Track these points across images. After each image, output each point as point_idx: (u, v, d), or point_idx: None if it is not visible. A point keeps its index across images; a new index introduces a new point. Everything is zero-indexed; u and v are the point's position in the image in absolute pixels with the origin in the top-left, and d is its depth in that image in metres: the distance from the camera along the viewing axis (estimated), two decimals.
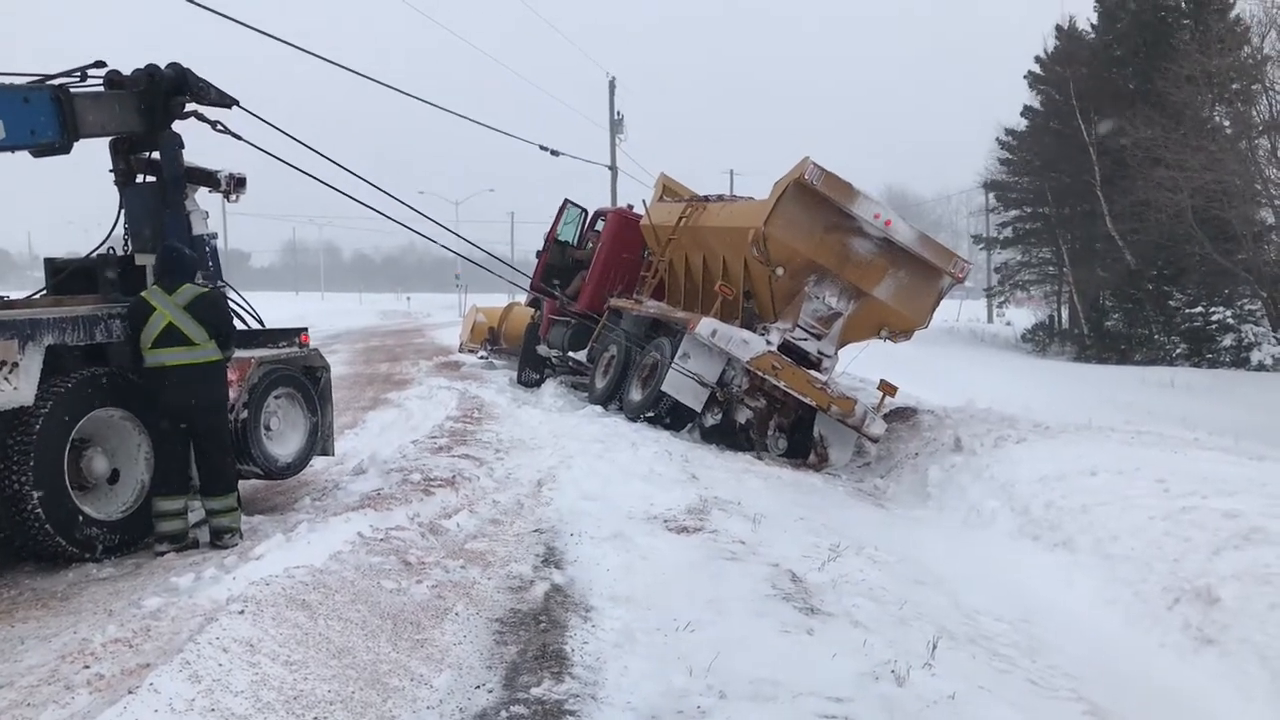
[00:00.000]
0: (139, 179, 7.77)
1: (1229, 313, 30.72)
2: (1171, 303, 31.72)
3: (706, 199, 14.63)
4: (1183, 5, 31.84)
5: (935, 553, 7.55)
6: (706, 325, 11.36)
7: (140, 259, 7.43)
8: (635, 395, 12.53)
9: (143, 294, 6.72)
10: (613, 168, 39.91)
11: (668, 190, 16.00)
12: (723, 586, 5.91)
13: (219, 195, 8.09)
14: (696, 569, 6.27)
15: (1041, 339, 38.91)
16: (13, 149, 6.58)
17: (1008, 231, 43.33)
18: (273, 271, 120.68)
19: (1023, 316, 47.86)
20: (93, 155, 7.85)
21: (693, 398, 11.56)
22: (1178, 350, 30.86)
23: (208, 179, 7.90)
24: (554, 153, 29.05)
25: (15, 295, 7.52)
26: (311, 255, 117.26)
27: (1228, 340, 30.37)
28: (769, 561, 6.49)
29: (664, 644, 4.97)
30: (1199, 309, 31.13)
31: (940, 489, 9.51)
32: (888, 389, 11.99)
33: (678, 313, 13.05)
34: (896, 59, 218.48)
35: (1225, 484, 7.23)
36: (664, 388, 11.57)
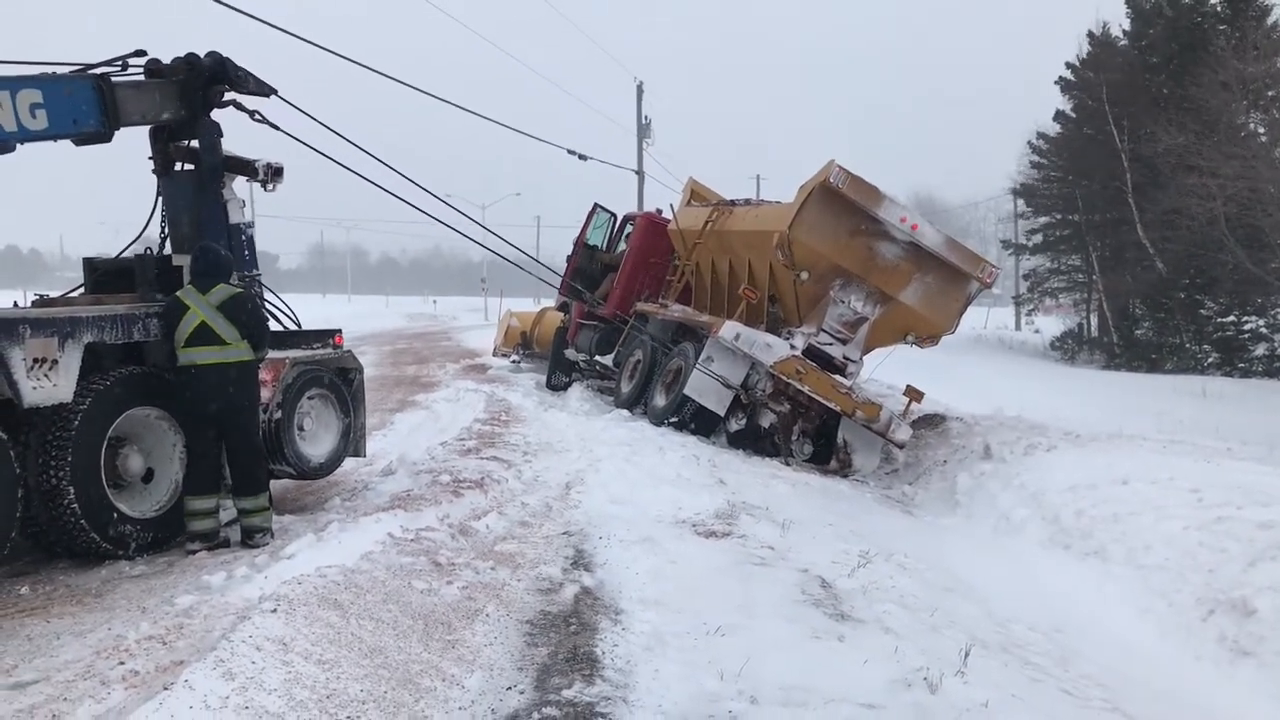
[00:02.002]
0: (177, 167, 7.85)
1: (1262, 322, 30.37)
2: (1203, 311, 31.39)
3: (733, 203, 14.63)
4: (1219, 11, 31.53)
5: (965, 560, 7.52)
6: (730, 329, 11.35)
7: (177, 259, 7.51)
8: (659, 400, 12.52)
9: (177, 293, 6.78)
10: (640, 172, 39.92)
11: (696, 195, 16.00)
12: (752, 591, 5.90)
13: (256, 184, 8.17)
14: (726, 574, 6.26)
15: (1071, 347, 38.57)
16: (55, 138, 6.66)
17: (1037, 238, 42.99)
18: (300, 273, 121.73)
19: (1051, 324, 47.46)
20: (125, 155, 7.94)
21: (716, 401, 11.53)
22: (1209, 359, 30.53)
23: (245, 168, 7.97)
24: (582, 157, 29.03)
25: (53, 294, 7.62)
26: (339, 258, 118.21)
27: (1260, 349, 30.04)
28: (798, 567, 6.48)
29: (694, 648, 4.97)
30: (1231, 318, 30.81)
31: (969, 496, 9.46)
32: (914, 395, 11.92)
33: (702, 316, 13.04)
34: (925, 64, 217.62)
35: (1260, 494, 7.14)
36: (687, 390, 11.55)
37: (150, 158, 7.81)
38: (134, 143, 7.67)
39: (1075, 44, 38.64)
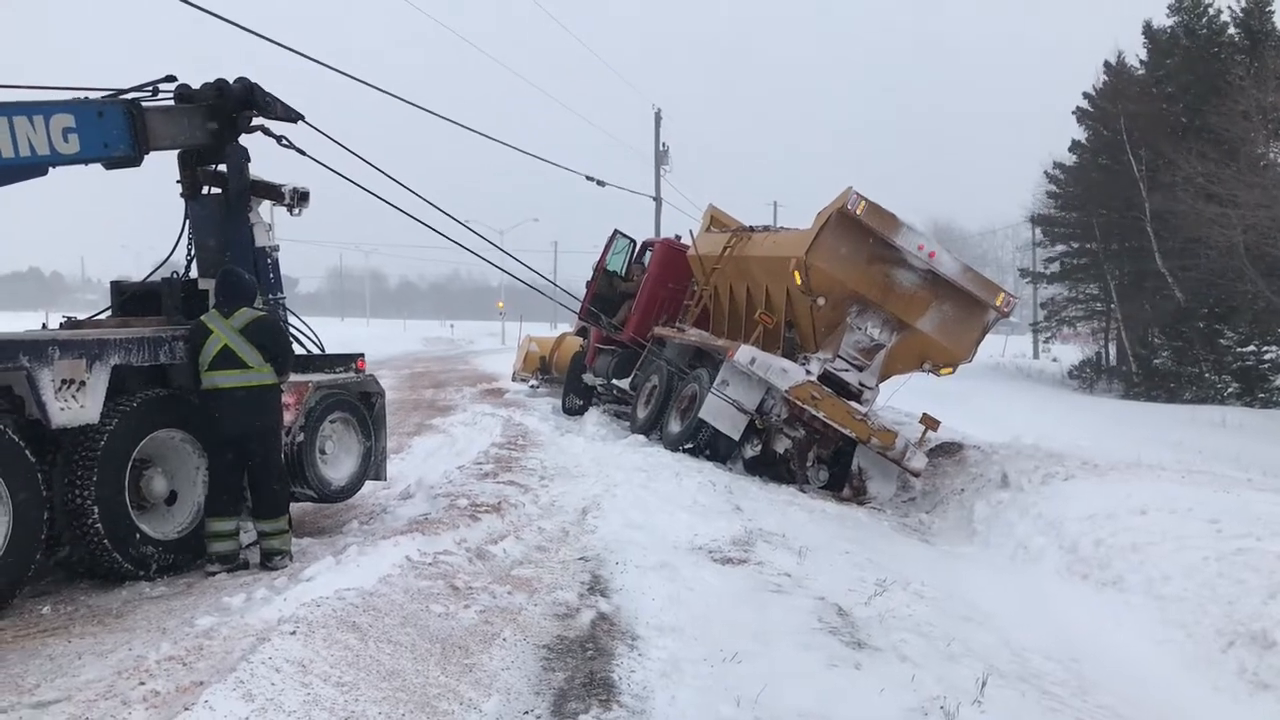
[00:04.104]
0: (205, 191, 7.96)
1: None
2: (1222, 341, 31.20)
3: (752, 229, 14.69)
4: (1237, 41, 31.54)
5: (982, 589, 7.49)
6: (745, 353, 11.37)
7: (203, 282, 7.60)
8: (674, 426, 12.53)
9: (201, 317, 6.86)
10: (657, 198, 40.09)
11: (715, 221, 16.09)
12: (769, 619, 5.90)
13: (282, 208, 8.28)
14: (742, 600, 6.27)
15: (1089, 376, 38.35)
16: (87, 162, 6.79)
17: (1055, 266, 42.84)
18: (319, 297, 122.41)
19: (1069, 353, 47.21)
20: (148, 179, 8.05)
21: (730, 425, 11.53)
22: (1229, 389, 30.31)
23: (272, 192, 8.08)
24: (600, 183, 29.24)
25: (80, 317, 7.73)
26: (357, 282, 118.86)
27: None
28: (815, 595, 6.48)
29: (711, 674, 4.97)
30: (1251, 348, 30.60)
31: (987, 525, 9.43)
32: (930, 423, 11.90)
33: (718, 341, 13.07)
34: (945, 92, 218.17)
35: None
36: (702, 414, 11.56)
37: (179, 181, 7.93)
38: (159, 167, 7.80)
39: (1092, 74, 38.61)
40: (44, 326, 6.99)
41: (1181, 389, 31.16)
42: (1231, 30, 32.22)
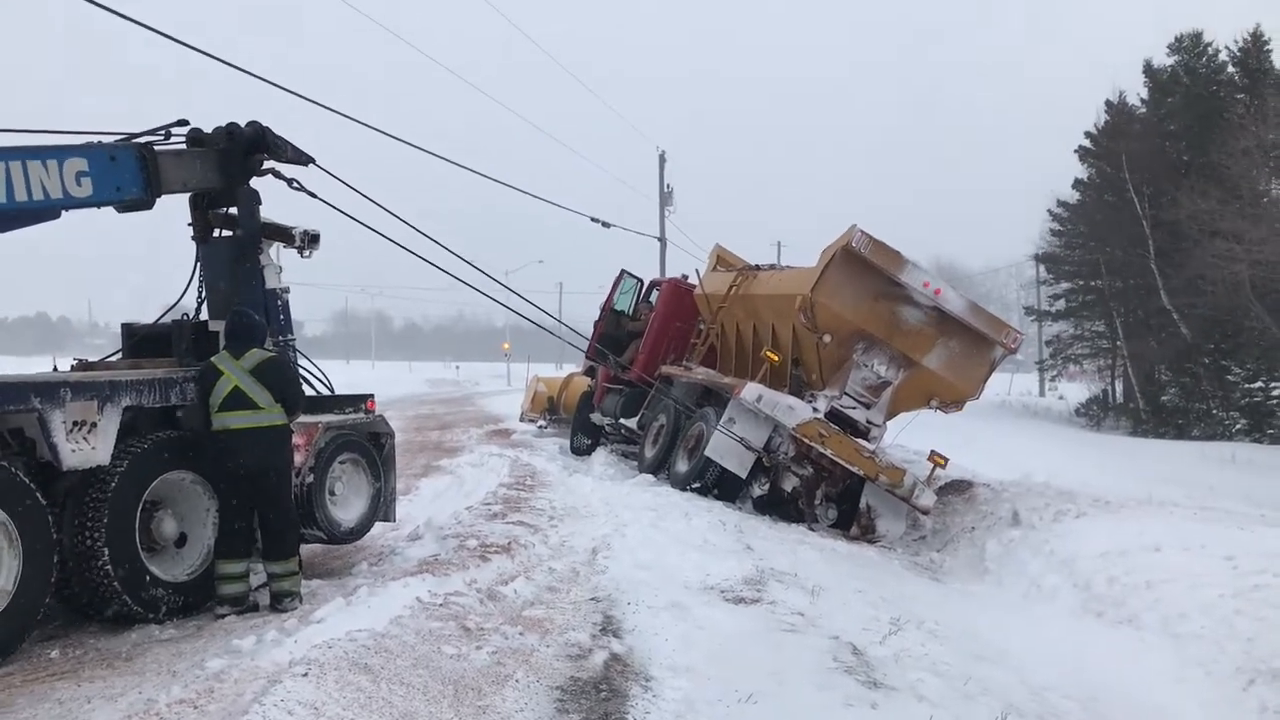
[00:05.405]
0: (215, 234, 8.01)
1: None
2: (1230, 377, 31.16)
3: (758, 267, 14.76)
4: (1236, 80, 31.85)
5: (996, 628, 7.42)
6: (752, 390, 11.35)
7: (213, 324, 7.63)
8: (681, 466, 12.47)
9: (212, 359, 6.87)
10: (662, 239, 40.21)
11: (722, 260, 16.16)
12: (783, 658, 5.84)
13: (291, 250, 8.31)
14: (756, 640, 6.21)
15: (1096, 413, 38.23)
16: (99, 205, 6.83)
17: (1060, 304, 42.92)
18: (324, 340, 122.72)
19: (1076, 390, 47.16)
20: (157, 223, 8.09)
21: (737, 463, 11.47)
22: (1237, 425, 30.22)
23: (283, 235, 8.12)
24: (605, 224, 29.43)
25: (91, 359, 7.76)
26: (363, 324, 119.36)
27: None
28: (829, 634, 6.42)
29: (726, 715, 4.92)
30: (1259, 383, 30.52)
31: (998, 563, 9.36)
32: (938, 460, 11.84)
33: (725, 378, 13.07)
34: (945, 131, 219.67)
35: None
36: (708, 452, 11.50)
37: (190, 224, 7.99)
38: (168, 210, 7.84)
39: (1093, 113, 38.91)
40: (54, 369, 7.01)
41: (1189, 425, 31.08)
42: (1230, 69, 32.57)
